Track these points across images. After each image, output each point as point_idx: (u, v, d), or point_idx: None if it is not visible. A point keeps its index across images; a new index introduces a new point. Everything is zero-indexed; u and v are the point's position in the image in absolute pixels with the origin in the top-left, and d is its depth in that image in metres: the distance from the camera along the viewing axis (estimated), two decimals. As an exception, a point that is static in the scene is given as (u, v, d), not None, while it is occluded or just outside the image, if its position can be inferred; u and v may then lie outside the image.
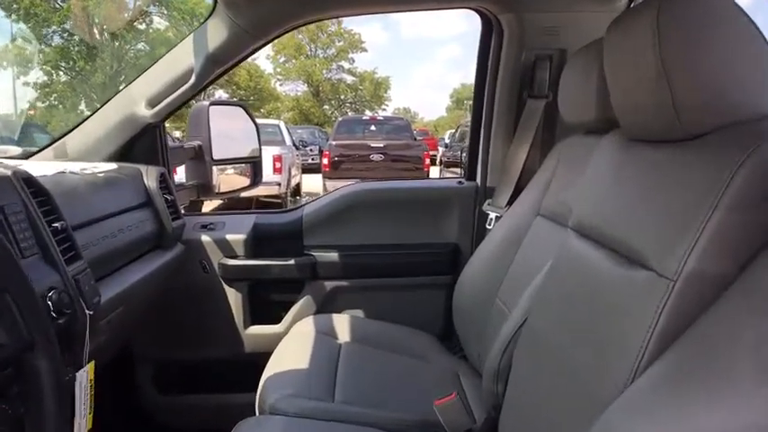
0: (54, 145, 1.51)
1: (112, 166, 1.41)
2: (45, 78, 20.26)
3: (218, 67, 1.43)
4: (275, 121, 10.85)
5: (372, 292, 1.68)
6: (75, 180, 1.22)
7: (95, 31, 20.45)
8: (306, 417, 1.09)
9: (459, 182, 1.74)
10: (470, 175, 1.73)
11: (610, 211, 0.81)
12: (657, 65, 0.68)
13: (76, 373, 0.95)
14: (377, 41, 60.93)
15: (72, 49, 20.17)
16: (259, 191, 8.16)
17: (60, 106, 20.71)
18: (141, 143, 1.54)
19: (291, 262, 1.63)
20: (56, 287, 0.88)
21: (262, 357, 1.39)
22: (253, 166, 1.98)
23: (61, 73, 20.87)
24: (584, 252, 0.84)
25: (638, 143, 0.82)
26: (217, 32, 1.38)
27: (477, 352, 1.39)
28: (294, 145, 10.53)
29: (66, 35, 19.94)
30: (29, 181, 0.94)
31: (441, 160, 12.40)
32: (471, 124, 1.72)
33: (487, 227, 1.55)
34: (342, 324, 1.52)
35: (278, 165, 8.23)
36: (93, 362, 0.97)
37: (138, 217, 1.35)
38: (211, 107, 1.72)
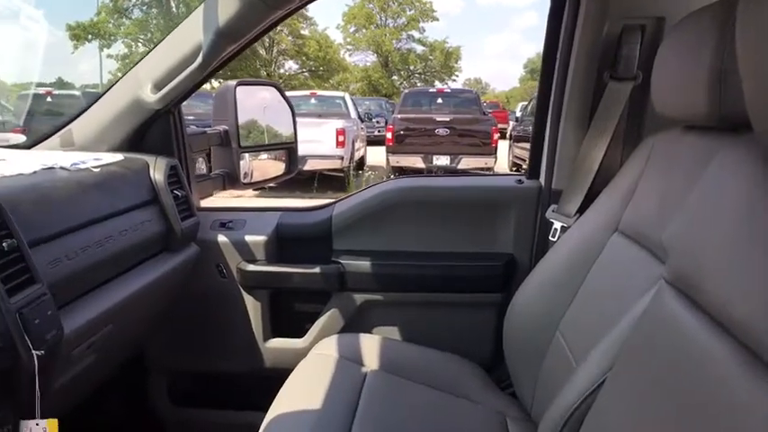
0: (60, 132, 1.35)
1: (117, 157, 1.24)
2: (126, 50, 21.10)
3: (229, 44, 1.20)
4: (340, 94, 10.70)
5: (409, 309, 1.44)
6: (59, 179, 1.04)
7: (172, 3, 20.96)
8: None
9: (519, 180, 1.45)
10: (533, 173, 1.44)
11: (742, 278, 0.52)
12: None
13: (23, 422, 0.78)
14: (449, 10, 59.46)
15: (150, 21, 20.80)
16: (322, 164, 8.09)
17: (140, 78, 21.56)
18: (153, 131, 1.36)
19: (317, 270, 1.42)
20: None
21: (282, 373, 1.20)
22: (288, 152, 1.77)
23: (140, 45, 21.63)
24: (690, 329, 0.57)
25: None
26: (228, 3, 1.15)
27: (530, 395, 1.14)
28: (360, 117, 10.37)
29: (144, 8, 20.59)
30: None
31: (510, 135, 11.87)
32: (536, 111, 1.42)
33: (551, 239, 1.28)
34: (370, 346, 1.30)
35: (341, 138, 8.11)
36: (55, 420, 0.80)
37: (139, 218, 1.18)
38: (239, 87, 1.51)
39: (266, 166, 1.94)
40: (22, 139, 1.39)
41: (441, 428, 1.08)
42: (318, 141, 7.73)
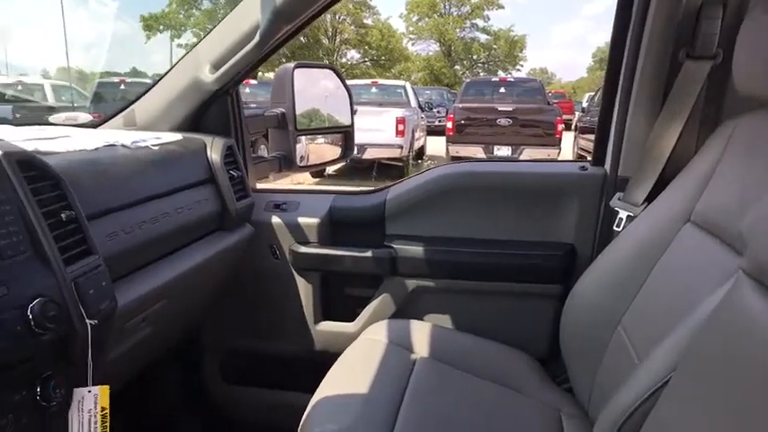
0: (124, 112, 1.39)
1: (176, 136, 1.26)
2: (195, 40, 21.96)
3: (286, 24, 1.19)
4: (401, 83, 10.67)
5: (462, 297, 1.40)
6: (119, 156, 1.07)
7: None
8: None
9: (583, 167, 1.37)
10: (598, 160, 1.36)
11: None
12: None
13: (76, 390, 0.81)
14: (516, -2, 58.02)
15: (218, 11, 21.45)
16: (381, 153, 8.08)
17: (208, 66, 22.60)
18: (211, 111, 1.38)
19: (368, 254, 1.40)
20: (44, 295, 0.72)
21: (332, 357, 1.20)
22: (344, 135, 1.76)
23: (209, 35, 22.51)
24: None
25: None
26: None
27: (587, 391, 1.08)
28: (420, 107, 10.30)
29: (214, -1, 21.33)
30: (26, 164, 0.78)
31: (576, 126, 11.48)
32: (603, 93, 1.34)
33: (615, 228, 1.20)
34: (421, 333, 1.27)
35: (400, 127, 8.08)
36: (107, 386, 0.82)
37: (194, 196, 1.19)
38: (296, 70, 1.51)
39: (322, 150, 1.94)
40: (89, 118, 1.44)
41: (491, 420, 1.05)
42: (378, 130, 7.72)
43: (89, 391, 0.79)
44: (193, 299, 1.28)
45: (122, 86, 10.18)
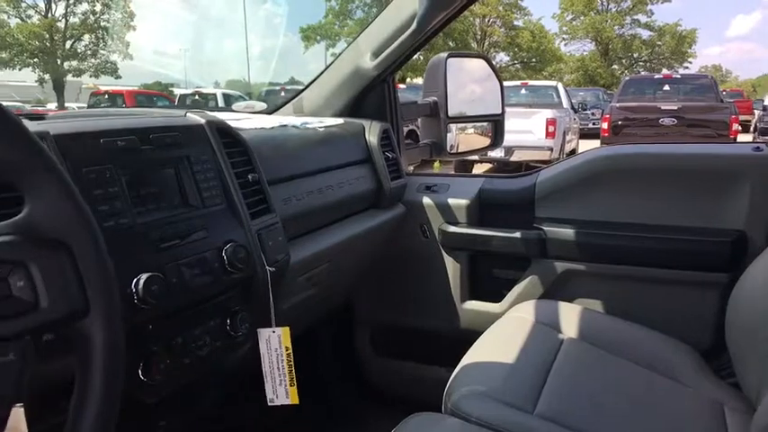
0: (293, 101, 1.56)
1: (338, 121, 1.39)
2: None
3: (441, 11, 1.25)
4: (552, 83, 10.31)
5: (615, 283, 1.35)
6: (291, 134, 1.21)
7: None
8: (490, 427, 0.89)
9: (757, 147, 1.25)
10: None
11: None
12: None
13: (260, 330, 0.93)
14: (685, -11, 53.02)
15: (369, 21, 22.64)
16: (530, 155, 7.87)
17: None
18: (370, 98, 1.49)
19: (517, 235, 1.40)
20: (235, 240, 0.85)
21: (477, 336, 1.23)
22: (494, 125, 1.78)
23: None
24: None
25: None
26: None
27: (756, 384, 0.99)
28: (573, 108, 9.88)
29: (365, 9, 22.38)
30: (223, 131, 0.93)
31: (755, 126, 10.24)
32: None
33: None
34: (570, 315, 1.25)
35: (551, 129, 7.81)
36: (287, 327, 0.93)
37: (353, 174, 1.30)
38: (449, 59, 1.57)
39: (472, 139, 1.98)
40: (264, 106, 1.63)
41: (643, 406, 1.00)
42: (527, 131, 7.53)
43: (273, 332, 0.91)
44: (350, 268, 1.39)
45: (282, 93, 11.37)
